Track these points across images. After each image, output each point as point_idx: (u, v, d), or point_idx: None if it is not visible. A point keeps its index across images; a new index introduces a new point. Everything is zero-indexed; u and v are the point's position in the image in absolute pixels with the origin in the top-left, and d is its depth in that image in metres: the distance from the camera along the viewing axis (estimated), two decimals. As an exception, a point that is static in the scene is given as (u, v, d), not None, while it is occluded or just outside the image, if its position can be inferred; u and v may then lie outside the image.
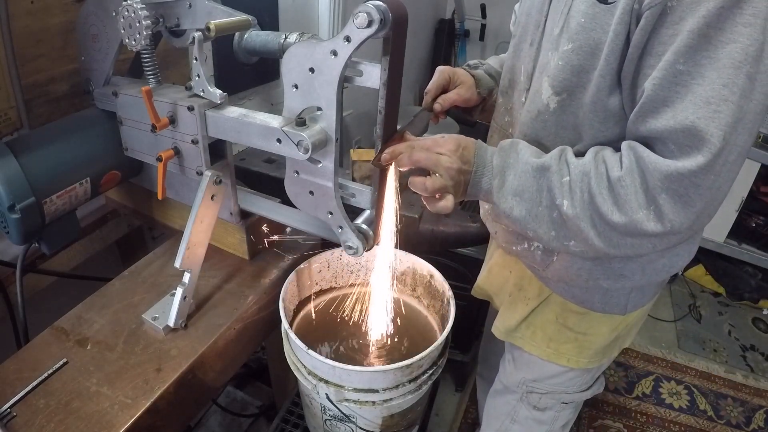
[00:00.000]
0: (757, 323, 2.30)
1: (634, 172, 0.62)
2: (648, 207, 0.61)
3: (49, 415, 0.66)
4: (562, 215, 0.67)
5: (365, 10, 0.55)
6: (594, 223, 0.65)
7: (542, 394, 1.00)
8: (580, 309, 0.88)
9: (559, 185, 0.67)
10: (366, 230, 0.74)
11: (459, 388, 1.82)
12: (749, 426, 1.79)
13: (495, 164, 0.71)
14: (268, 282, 0.92)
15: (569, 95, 0.71)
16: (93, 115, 0.90)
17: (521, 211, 0.70)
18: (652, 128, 0.61)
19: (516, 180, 0.70)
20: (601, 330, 0.90)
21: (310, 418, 1.01)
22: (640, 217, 0.62)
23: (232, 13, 0.74)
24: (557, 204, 0.67)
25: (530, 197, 0.69)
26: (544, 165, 0.68)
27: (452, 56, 3.19)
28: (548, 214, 0.68)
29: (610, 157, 0.66)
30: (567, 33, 0.69)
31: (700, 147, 0.58)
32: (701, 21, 0.56)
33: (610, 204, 0.63)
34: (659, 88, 0.60)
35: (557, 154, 0.69)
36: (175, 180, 0.89)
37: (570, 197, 0.66)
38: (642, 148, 0.63)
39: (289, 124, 0.67)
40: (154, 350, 0.77)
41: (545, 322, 0.92)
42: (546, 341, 0.93)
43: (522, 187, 0.69)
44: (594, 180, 0.64)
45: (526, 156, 0.70)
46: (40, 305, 0.98)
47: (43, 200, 0.79)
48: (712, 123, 0.57)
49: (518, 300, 0.96)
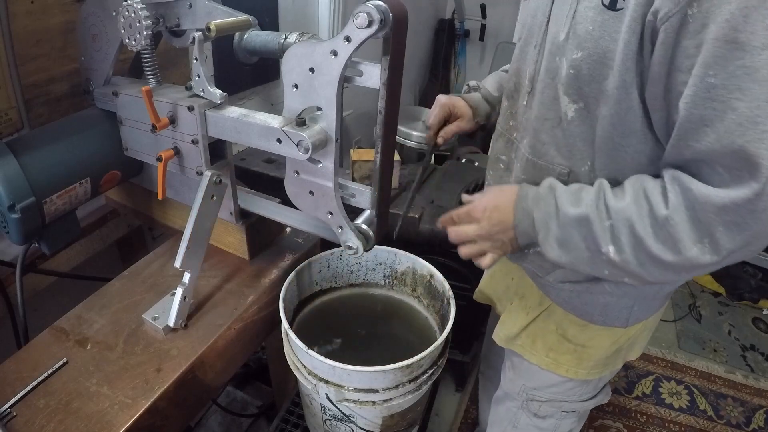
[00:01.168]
0: (757, 323, 2.29)
1: (682, 207, 0.58)
2: (702, 241, 0.58)
3: (49, 415, 0.66)
4: (610, 260, 0.65)
5: (365, 10, 0.55)
6: (643, 264, 0.63)
7: (542, 402, 1.00)
8: (580, 321, 0.86)
9: (601, 232, 0.65)
10: (366, 230, 0.74)
11: (459, 388, 1.82)
12: (749, 426, 1.79)
13: (536, 217, 0.71)
14: (268, 282, 0.92)
15: (585, 105, 0.68)
16: (93, 115, 0.90)
17: (569, 259, 0.69)
18: (696, 151, 0.57)
19: (559, 231, 0.69)
20: (602, 343, 0.88)
21: (310, 418, 1.01)
22: (695, 252, 0.58)
23: (232, 13, 0.74)
24: (603, 252, 0.65)
25: (575, 246, 0.68)
26: (582, 216, 0.66)
27: (452, 56, 3.19)
28: (597, 258, 0.67)
29: (653, 192, 0.62)
30: (575, 39, 0.66)
31: (753, 173, 0.53)
32: (725, 26, 0.51)
33: (660, 246, 0.60)
34: (693, 106, 0.55)
35: (594, 199, 0.66)
36: (175, 180, 0.89)
37: (614, 243, 0.64)
38: (688, 179, 0.58)
39: (289, 124, 0.67)
40: (154, 350, 0.77)
41: (545, 331, 0.91)
42: (545, 350, 0.92)
43: (565, 238, 0.68)
44: (639, 223, 0.61)
45: (564, 205, 0.68)
46: (40, 305, 0.98)
47: (43, 200, 0.79)
48: (762, 145, 0.52)
49: (519, 308, 0.95)
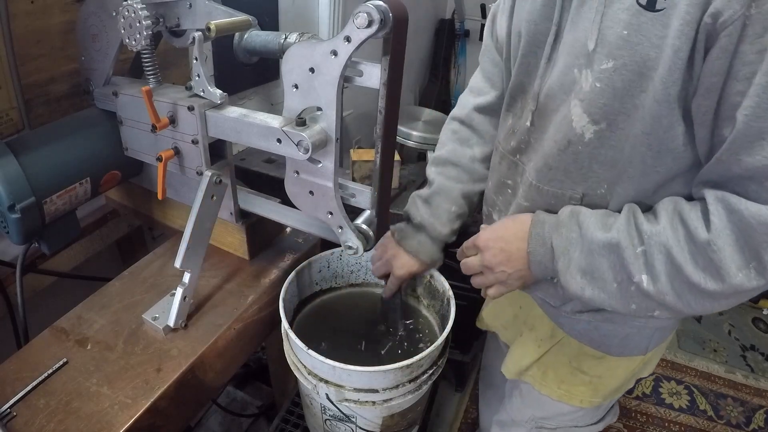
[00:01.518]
0: (757, 323, 2.29)
1: (727, 230, 0.53)
2: (748, 266, 0.53)
3: (49, 415, 0.66)
4: (642, 291, 0.60)
5: (365, 10, 0.55)
6: (681, 295, 0.58)
7: (551, 429, 0.96)
8: (597, 353, 0.80)
9: (633, 259, 0.59)
10: (366, 230, 0.74)
11: (459, 388, 1.82)
12: (749, 426, 1.79)
13: (556, 244, 0.65)
14: (268, 282, 0.92)
15: (609, 124, 0.61)
16: (93, 115, 0.90)
17: (593, 292, 0.63)
18: (747, 167, 0.52)
19: (583, 259, 0.63)
20: (619, 373, 0.83)
21: (310, 418, 1.01)
22: (740, 279, 0.54)
23: (232, 13, 0.74)
24: (635, 281, 0.60)
25: (601, 275, 0.62)
26: (613, 242, 0.60)
27: (452, 56, 3.19)
28: (625, 290, 0.61)
29: (690, 215, 0.57)
30: (604, 47, 0.58)
31: None
32: None
33: (701, 273, 0.55)
34: (754, 118, 0.50)
35: (625, 223, 0.61)
36: (175, 180, 0.89)
37: (649, 272, 0.58)
38: (736, 200, 0.53)
39: (289, 124, 0.67)
40: (154, 350, 0.77)
41: (558, 364, 0.86)
42: (557, 382, 0.87)
43: (591, 266, 0.62)
44: (676, 249, 0.56)
45: (591, 230, 0.62)
46: (40, 305, 0.98)
47: (43, 200, 0.79)
48: None
49: (529, 341, 0.89)
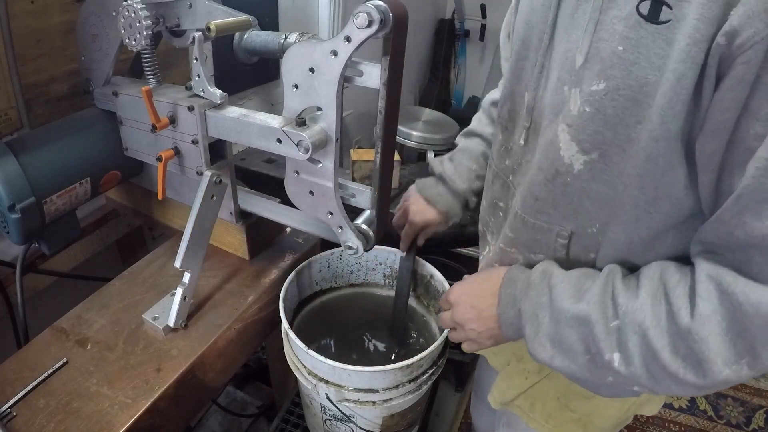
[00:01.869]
0: (757, 323, 2.29)
1: (717, 317, 0.45)
2: (739, 361, 0.45)
3: (49, 415, 0.66)
4: (613, 369, 0.52)
5: (365, 10, 0.55)
6: (657, 381, 0.50)
7: None
8: (586, 392, 0.74)
9: (604, 336, 0.52)
10: (366, 230, 0.74)
11: (459, 388, 1.82)
12: (749, 426, 1.79)
13: (524, 309, 0.59)
14: (268, 282, 0.92)
15: (602, 156, 0.52)
16: (93, 115, 0.90)
17: (563, 363, 0.56)
18: (753, 234, 0.43)
19: (552, 326, 0.56)
20: (609, 413, 0.76)
21: (310, 418, 1.01)
22: (727, 374, 0.45)
23: (232, 13, 0.74)
24: (606, 360, 0.52)
25: (570, 347, 0.55)
26: (582, 314, 0.53)
27: (452, 56, 3.19)
28: (598, 364, 0.54)
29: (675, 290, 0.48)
30: (595, 64, 0.49)
31: None
32: None
33: (680, 362, 0.47)
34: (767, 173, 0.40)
35: (600, 292, 0.53)
36: (175, 180, 0.89)
37: (621, 351, 0.51)
38: (732, 280, 0.44)
39: (289, 124, 0.67)
40: (154, 350, 0.77)
41: (545, 398, 0.80)
42: (545, 417, 0.81)
43: (560, 336, 0.55)
44: (654, 331, 0.48)
45: (560, 298, 0.55)
46: (40, 305, 0.98)
47: (43, 200, 0.79)
48: None
49: (516, 372, 0.84)
